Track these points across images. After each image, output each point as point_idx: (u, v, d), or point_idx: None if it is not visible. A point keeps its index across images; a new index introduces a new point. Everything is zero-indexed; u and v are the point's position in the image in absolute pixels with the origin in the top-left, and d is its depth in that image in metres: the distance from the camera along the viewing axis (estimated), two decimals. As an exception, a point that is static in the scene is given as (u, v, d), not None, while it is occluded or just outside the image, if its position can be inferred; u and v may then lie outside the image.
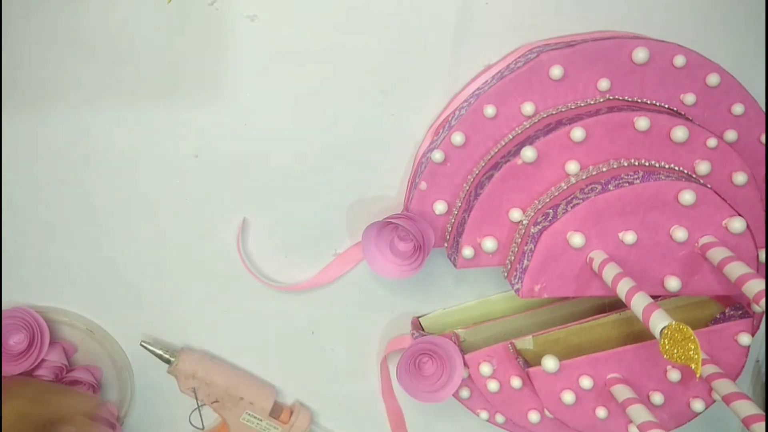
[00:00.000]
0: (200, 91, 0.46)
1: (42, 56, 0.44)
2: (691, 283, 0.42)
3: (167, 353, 0.51)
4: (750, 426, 0.39)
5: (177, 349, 0.51)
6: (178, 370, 0.50)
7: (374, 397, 0.55)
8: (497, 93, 0.44)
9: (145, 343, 0.51)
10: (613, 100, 0.44)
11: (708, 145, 0.43)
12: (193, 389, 0.50)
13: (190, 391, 0.50)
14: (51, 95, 0.45)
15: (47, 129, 0.46)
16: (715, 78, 0.44)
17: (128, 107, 0.46)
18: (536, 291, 0.42)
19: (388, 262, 0.47)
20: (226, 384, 0.50)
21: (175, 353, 0.51)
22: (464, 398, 0.50)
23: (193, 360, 0.50)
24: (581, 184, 0.42)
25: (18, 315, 0.48)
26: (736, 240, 0.41)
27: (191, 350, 0.51)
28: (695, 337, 0.34)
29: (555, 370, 0.43)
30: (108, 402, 0.53)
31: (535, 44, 0.45)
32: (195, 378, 0.50)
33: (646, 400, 0.45)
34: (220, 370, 0.51)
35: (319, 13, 0.45)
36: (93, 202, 0.48)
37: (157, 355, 0.50)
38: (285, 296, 0.52)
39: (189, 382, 0.50)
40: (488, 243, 0.44)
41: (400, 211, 0.48)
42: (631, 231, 0.41)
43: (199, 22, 0.44)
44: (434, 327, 0.52)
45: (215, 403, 0.50)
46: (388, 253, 0.47)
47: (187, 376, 0.50)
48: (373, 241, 0.47)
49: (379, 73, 0.46)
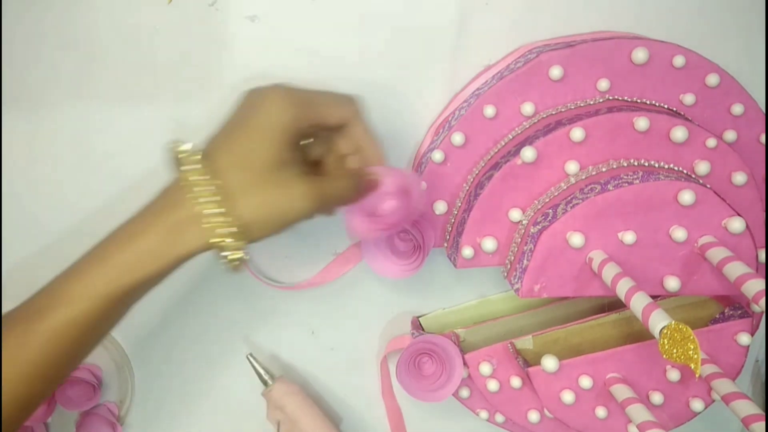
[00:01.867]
0: (200, 91, 0.46)
1: (42, 56, 0.44)
2: (690, 283, 0.42)
3: (267, 374, 0.50)
4: (749, 426, 0.39)
5: (276, 375, 0.51)
6: (270, 396, 0.49)
7: (374, 396, 0.55)
8: (497, 93, 0.44)
9: (251, 357, 0.50)
10: (612, 100, 0.44)
11: (707, 145, 0.43)
12: (278, 422, 0.49)
13: (274, 422, 0.50)
14: (50, 95, 0.45)
15: (47, 129, 0.46)
16: (714, 78, 0.44)
17: (128, 107, 0.46)
18: (536, 291, 0.42)
19: (388, 261, 0.47)
20: (310, 430, 0.49)
21: (274, 378, 0.50)
22: (464, 398, 0.50)
23: (286, 392, 0.49)
24: (581, 184, 0.42)
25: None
26: (735, 240, 0.41)
27: (288, 381, 0.51)
28: (695, 337, 0.34)
29: (555, 369, 0.43)
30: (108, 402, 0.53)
31: (534, 44, 0.45)
32: (283, 412, 0.49)
33: (646, 399, 0.45)
34: (310, 413, 0.50)
35: (318, 13, 0.45)
36: (93, 202, 0.48)
37: (258, 373, 0.50)
38: (285, 296, 0.52)
39: (276, 414, 0.49)
40: (488, 243, 0.44)
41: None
42: (630, 231, 0.41)
43: (199, 22, 0.44)
44: (434, 327, 0.52)
45: None
46: (388, 252, 0.47)
47: (276, 407, 0.49)
48: (374, 242, 0.47)
49: (379, 73, 0.46)
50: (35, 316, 0.34)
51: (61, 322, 0.34)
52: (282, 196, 0.35)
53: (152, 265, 0.34)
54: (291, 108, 0.35)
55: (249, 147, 0.35)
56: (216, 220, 0.34)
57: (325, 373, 0.54)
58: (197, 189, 0.34)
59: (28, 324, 0.34)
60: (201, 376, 0.53)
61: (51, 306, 0.34)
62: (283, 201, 0.35)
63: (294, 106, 0.36)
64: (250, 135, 0.35)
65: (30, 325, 0.34)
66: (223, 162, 0.34)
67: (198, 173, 0.34)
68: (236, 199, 0.34)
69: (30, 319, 0.34)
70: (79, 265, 0.35)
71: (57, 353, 0.34)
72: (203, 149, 0.35)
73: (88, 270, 0.35)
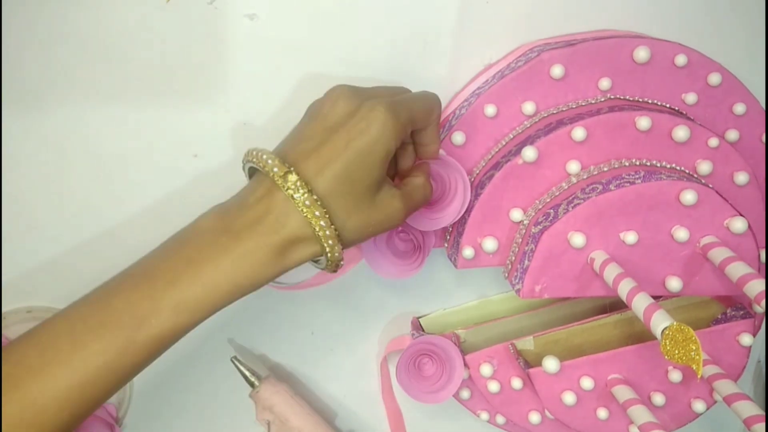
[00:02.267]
0: (200, 91, 0.46)
1: (40, 56, 0.44)
2: (692, 284, 0.42)
3: (253, 376, 0.50)
4: (751, 427, 0.38)
5: (263, 375, 0.50)
6: (258, 397, 0.49)
7: (374, 397, 0.54)
8: (498, 92, 0.43)
9: (235, 359, 0.50)
10: (614, 99, 0.44)
11: (709, 144, 0.42)
12: (267, 422, 0.49)
13: (264, 423, 0.49)
14: (49, 95, 0.45)
15: (47, 129, 0.46)
16: (716, 77, 0.44)
17: (127, 107, 0.46)
18: (537, 291, 0.42)
19: (388, 262, 0.47)
20: (300, 427, 0.49)
21: (260, 378, 0.50)
22: (464, 399, 0.49)
23: (274, 392, 0.49)
24: (582, 184, 0.42)
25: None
26: (737, 240, 0.41)
27: (276, 380, 0.50)
28: (696, 338, 0.34)
29: (556, 370, 0.43)
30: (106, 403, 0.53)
31: (535, 43, 0.45)
32: (272, 412, 0.49)
33: (647, 400, 0.45)
34: (299, 411, 0.49)
35: (318, 12, 0.44)
36: (92, 202, 0.48)
37: (244, 375, 0.50)
38: (285, 296, 0.51)
39: (265, 414, 0.49)
40: (489, 243, 0.44)
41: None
42: (632, 231, 0.41)
43: (199, 21, 0.44)
44: (434, 327, 0.52)
45: None
46: (388, 253, 0.47)
47: (265, 407, 0.49)
48: (373, 241, 0.46)
49: (379, 72, 0.46)
50: (134, 323, 0.33)
51: (164, 331, 0.33)
52: (381, 215, 0.37)
53: (258, 277, 0.35)
54: (398, 132, 0.36)
55: (353, 173, 0.35)
56: (321, 235, 0.34)
57: (325, 374, 0.54)
58: (301, 209, 0.34)
59: (128, 331, 0.33)
60: (200, 378, 0.53)
61: (153, 315, 0.33)
62: (382, 219, 0.37)
63: (400, 129, 0.36)
64: (354, 161, 0.35)
65: (130, 333, 0.33)
66: (324, 187, 0.34)
67: (301, 197, 0.34)
68: (339, 223, 0.35)
69: (128, 327, 0.33)
70: (178, 274, 0.34)
71: (144, 364, 0.34)
72: (297, 169, 0.35)
73: (192, 279, 0.34)
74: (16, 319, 0.51)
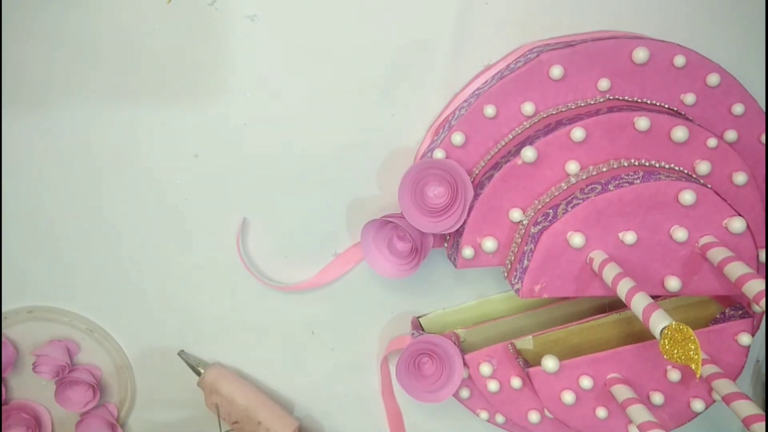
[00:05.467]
0: (200, 91, 0.46)
1: (42, 56, 0.44)
2: (691, 283, 0.42)
3: (199, 366, 0.51)
4: (750, 426, 0.39)
5: (208, 364, 0.51)
6: (204, 383, 0.50)
7: (374, 397, 0.54)
8: (497, 93, 0.43)
9: (182, 353, 0.51)
10: (613, 100, 0.44)
11: (708, 145, 0.43)
12: (216, 405, 0.50)
13: (213, 407, 0.50)
14: (50, 95, 0.45)
15: (47, 129, 0.46)
16: (715, 78, 0.44)
17: (128, 107, 0.46)
18: (536, 291, 0.42)
19: (387, 261, 0.47)
20: (246, 405, 0.50)
21: (206, 366, 0.51)
22: (464, 398, 0.50)
23: (219, 375, 0.50)
24: (581, 184, 0.42)
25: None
26: (736, 240, 0.41)
27: (221, 366, 0.51)
28: (695, 338, 0.34)
29: (555, 370, 0.43)
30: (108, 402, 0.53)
31: (535, 44, 0.45)
32: (219, 394, 0.50)
33: (646, 400, 0.45)
34: (244, 391, 0.50)
35: (318, 13, 0.44)
36: (93, 202, 0.48)
37: (190, 366, 0.51)
38: (285, 296, 0.51)
39: (213, 398, 0.50)
40: (488, 243, 0.44)
41: (399, 211, 0.48)
42: (631, 231, 0.41)
43: (199, 22, 0.44)
44: (434, 327, 0.52)
45: (235, 424, 0.50)
46: (386, 252, 0.47)
47: (212, 391, 0.50)
48: (372, 240, 0.47)
49: (379, 73, 0.46)
50: None
51: None
52: None
53: None
54: None
55: None
56: None
57: (325, 374, 0.54)
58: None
59: None
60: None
61: None
62: None
63: None
64: None
65: None
66: None
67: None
68: None
69: None
70: None
71: None
72: None
73: None
74: (16, 319, 0.51)
